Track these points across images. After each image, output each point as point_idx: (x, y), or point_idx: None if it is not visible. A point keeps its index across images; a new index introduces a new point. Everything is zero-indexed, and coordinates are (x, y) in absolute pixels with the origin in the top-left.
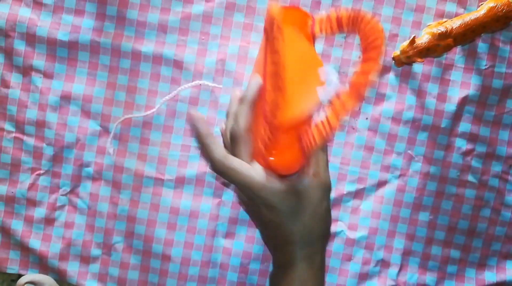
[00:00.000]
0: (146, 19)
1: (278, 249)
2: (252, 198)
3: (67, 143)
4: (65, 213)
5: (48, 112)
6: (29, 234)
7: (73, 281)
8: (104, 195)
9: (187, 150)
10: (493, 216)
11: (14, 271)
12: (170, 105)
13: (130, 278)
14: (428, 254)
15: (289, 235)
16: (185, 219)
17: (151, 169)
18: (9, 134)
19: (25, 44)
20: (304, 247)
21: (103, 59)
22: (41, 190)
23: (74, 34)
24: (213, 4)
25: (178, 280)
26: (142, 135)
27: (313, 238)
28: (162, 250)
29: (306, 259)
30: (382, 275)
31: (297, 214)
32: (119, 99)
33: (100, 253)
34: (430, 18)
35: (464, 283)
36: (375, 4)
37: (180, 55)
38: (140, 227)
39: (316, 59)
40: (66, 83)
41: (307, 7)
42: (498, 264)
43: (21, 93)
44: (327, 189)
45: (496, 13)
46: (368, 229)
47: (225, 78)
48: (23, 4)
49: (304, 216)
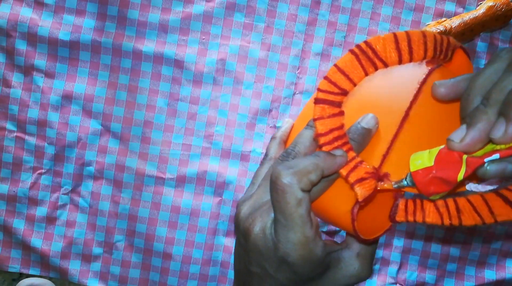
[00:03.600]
0: (147, 19)
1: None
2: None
3: (68, 142)
4: (66, 212)
5: (49, 112)
6: (31, 233)
7: (74, 280)
8: (106, 194)
9: (188, 149)
10: None
11: (16, 270)
12: (171, 105)
13: (132, 276)
14: (427, 252)
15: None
16: (186, 218)
17: (152, 168)
18: (10, 133)
19: (26, 44)
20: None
21: (104, 58)
22: (43, 189)
23: (75, 34)
24: (214, 4)
25: (179, 278)
26: (143, 134)
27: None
28: (163, 248)
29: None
30: (382, 273)
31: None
32: (120, 99)
33: (101, 251)
34: (429, 17)
35: (463, 281)
36: (375, 3)
37: (181, 55)
38: (141, 226)
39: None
40: (68, 83)
41: (307, 6)
42: (498, 262)
43: (23, 92)
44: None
45: (495, 12)
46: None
47: (226, 77)
48: (25, 4)
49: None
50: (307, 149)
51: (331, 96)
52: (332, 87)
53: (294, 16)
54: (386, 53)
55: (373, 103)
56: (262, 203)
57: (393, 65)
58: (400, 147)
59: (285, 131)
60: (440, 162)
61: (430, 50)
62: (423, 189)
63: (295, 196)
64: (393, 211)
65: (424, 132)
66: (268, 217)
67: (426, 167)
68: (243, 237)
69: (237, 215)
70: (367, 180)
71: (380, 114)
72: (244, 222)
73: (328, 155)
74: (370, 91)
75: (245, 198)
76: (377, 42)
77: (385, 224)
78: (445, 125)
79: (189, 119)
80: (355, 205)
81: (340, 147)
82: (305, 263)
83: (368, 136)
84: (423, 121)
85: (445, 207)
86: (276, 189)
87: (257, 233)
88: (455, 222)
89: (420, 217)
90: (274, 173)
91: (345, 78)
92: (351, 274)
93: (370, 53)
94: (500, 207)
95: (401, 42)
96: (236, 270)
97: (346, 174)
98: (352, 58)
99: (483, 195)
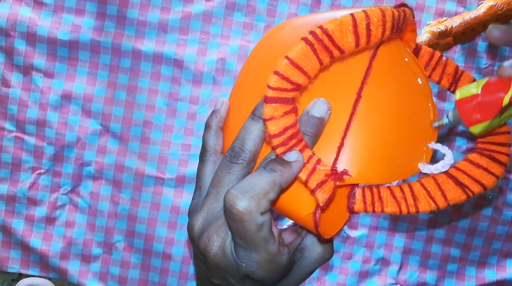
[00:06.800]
0: (147, 18)
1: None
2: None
3: (67, 143)
4: (66, 212)
5: (48, 112)
6: (30, 234)
7: (74, 280)
8: (105, 194)
9: (188, 149)
10: (495, 215)
11: (15, 270)
12: (171, 105)
13: (131, 277)
14: (428, 253)
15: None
16: (186, 218)
17: (151, 168)
18: (10, 133)
19: (25, 44)
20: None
21: (103, 58)
22: (42, 189)
23: (74, 34)
24: (213, 4)
25: (179, 279)
26: (143, 134)
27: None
28: (163, 249)
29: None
30: (382, 274)
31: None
32: (119, 99)
33: (101, 252)
34: (430, 17)
35: (464, 281)
36: (375, 3)
37: (180, 54)
38: (140, 226)
39: (427, 101)
40: (67, 83)
41: (307, 5)
42: (498, 262)
43: (22, 92)
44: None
45: (496, 11)
46: (368, 228)
47: (225, 77)
48: (24, 4)
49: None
50: (257, 146)
51: (284, 93)
52: (285, 83)
53: (294, 15)
54: (343, 39)
55: (319, 86)
56: (215, 216)
57: (349, 51)
58: (355, 135)
59: (221, 117)
60: (487, 89)
61: (388, 30)
62: (466, 118)
63: (255, 222)
64: (351, 202)
65: (381, 115)
66: (226, 234)
67: (472, 95)
68: (201, 254)
69: (190, 230)
70: (327, 182)
71: (328, 98)
72: (199, 240)
73: (284, 166)
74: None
75: (196, 209)
76: (334, 28)
77: (343, 216)
78: (404, 105)
79: (188, 119)
80: (316, 210)
81: (295, 145)
82: (272, 275)
83: (321, 126)
84: (377, 102)
85: (402, 194)
86: (233, 217)
87: (215, 253)
88: (412, 210)
89: (379, 208)
90: (227, 200)
91: (299, 72)
92: (316, 260)
93: (326, 40)
94: (452, 189)
95: (359, 25)
96: (198, 277)
97: (306, 179)
98: (306, 48)
99: (435, 178)
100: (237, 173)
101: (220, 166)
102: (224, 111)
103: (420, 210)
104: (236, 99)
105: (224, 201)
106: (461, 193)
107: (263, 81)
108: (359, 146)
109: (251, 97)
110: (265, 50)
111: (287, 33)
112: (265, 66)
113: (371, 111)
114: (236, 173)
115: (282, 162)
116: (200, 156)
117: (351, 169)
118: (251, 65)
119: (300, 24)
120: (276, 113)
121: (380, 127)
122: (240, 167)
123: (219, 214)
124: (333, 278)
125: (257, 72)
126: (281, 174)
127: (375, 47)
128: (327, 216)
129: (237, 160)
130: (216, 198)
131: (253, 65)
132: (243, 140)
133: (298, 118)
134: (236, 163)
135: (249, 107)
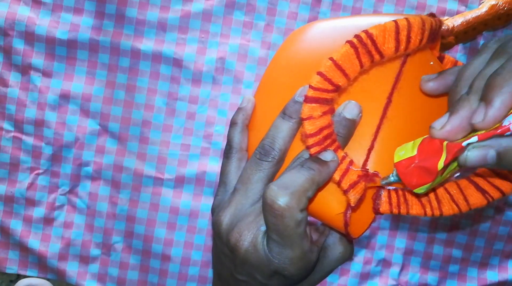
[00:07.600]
0: (146, 17)
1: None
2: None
3: (66, 142)
4: (64, 213)
5: (47, 111)
6: (28, 234)
7: (72, 281)
8: (103, 194)
9: (187, 149)
10: (497, 215)
11: (13, 271)
12: (170, 104)
13: (130, 278)
14: (430, 254)
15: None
16: (185, 219)
17: (150, 169)
18: (8, 133)
19: (24, 43)
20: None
21: (102, 57)
22: (40, 189)
23: (73, 33)
24: (213, 2)
25: (178, 280)
26: (142, 134)
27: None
28: (161, 250)
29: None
30: (383, 275)
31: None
32: (118, 98)
33: (99, 253)
34: None
35: (466, 282)
36: (376, 2)
37: (179, 54)
38: (139, 227)
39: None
40: (65, 82)
41: (307, 4)
42: (500, 263)
43: (20, 92)
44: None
45: (497, 10)
46: (370, 228)
47: (225, 76)
48: (22, 3)
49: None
50: (286, 145)
51: (324, 94)
52: (327, 84)
53: (294, 14)
54: (385, 44)
55: (355, 88)
56: (245, 213)
57: (388, 56)
58: (385, 138)
59: (247, 114)
60: (422, 151)
61: (425, 38)
62: (407, 181)
63: (295, 218)
64: (377, 203)
65: (409, 120)
66: (258, 230)
67: (409, 157)
68: (229, 250)
69: (217, 225)
70: (359, 183)
71: (361, 101)
72: (228, 235)
73: (321, 165)
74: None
75: (222, 205)
76: (378, 33)
77: (369, 217)
78: (432, 112)
79: (188, 118)
80: (347, 210)
81: (329, 146)
82: (301, 272)
83: (353, 127)
84: (406, 107)
85: (427, 197)
86: (273, 213)
87: (247, 249)
88: (437, 213)
89: (404, 210)
90: (269, 195)
91: (341, 74)
92: (337, 258)
93: (370, 45)
94: (473, 194)
95: (402, 32)
96: (218, 273)
97: (339, 179)
98: (350, 51)
99: (458, 183)
100: (266, 171)
101: (249, 163)
102: (250, 108)
103: (444, 213)
104: (263, 97)
105: (265, 197)
106: (482, 198)
107: (293, 80)
108: (388, 149)
109: (280, 95)
110: (294, 50)
111: (316, 35)
112: (295, 66)
113: (400, 115)
114: (265, 170)
115: (319, 161)
116: (225, 153)
117: (380, 171)
118: (280, 64)
119: (328, 27)
120: (315, 113)
121: (408, 131)
122: (270, 165)
123: (249, 210)
124: (334, 279)
125: (286, 71)
126: (319, 172)
127: (406, 54)
128: (355, 217)
129: (267, 158)
130: (245, 195)
131: (281, 64)
132: (273, 138)
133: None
134: (266, 161)
135: (277, 105)
